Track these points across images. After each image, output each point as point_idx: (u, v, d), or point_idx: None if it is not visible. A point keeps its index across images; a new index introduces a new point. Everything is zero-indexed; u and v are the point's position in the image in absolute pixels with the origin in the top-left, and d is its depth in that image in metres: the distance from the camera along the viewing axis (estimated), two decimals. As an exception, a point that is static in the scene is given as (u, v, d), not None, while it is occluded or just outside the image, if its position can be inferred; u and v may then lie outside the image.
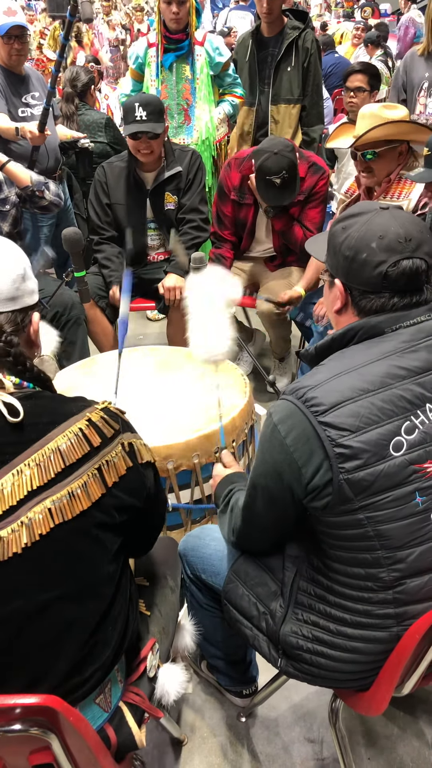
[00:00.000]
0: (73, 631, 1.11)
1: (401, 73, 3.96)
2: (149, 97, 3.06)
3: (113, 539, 1.14)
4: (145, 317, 4.48)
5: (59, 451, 1.06)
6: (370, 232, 1.29)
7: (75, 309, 3.04)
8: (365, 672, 1.35)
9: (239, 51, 3.97)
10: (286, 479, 1.24)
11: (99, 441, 1.10)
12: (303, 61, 3.77)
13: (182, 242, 3.17)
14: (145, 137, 2.98)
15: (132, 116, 2.95)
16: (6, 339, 1.13)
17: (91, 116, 4.37)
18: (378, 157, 2.56)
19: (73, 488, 1.05)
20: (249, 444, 2.33)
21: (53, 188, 2.91)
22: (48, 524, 1.03)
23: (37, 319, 1.23)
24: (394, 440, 1.19)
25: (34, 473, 1.04)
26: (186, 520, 2.15)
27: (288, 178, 2.87)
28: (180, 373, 2.43)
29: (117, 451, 1.12)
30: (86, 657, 1.14)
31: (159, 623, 1.45)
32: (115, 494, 1.11)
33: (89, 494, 1.07)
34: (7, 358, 1.12)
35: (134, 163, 3.15)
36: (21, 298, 1.17)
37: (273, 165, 2.86)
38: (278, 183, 2.87)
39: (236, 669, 1.82)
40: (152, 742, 1.78)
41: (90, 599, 1.12)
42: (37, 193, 2.84)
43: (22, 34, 3.38)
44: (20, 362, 1.14)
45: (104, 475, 1.09)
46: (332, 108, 5.95)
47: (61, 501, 1.04)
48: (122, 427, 1.16)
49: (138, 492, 1.18)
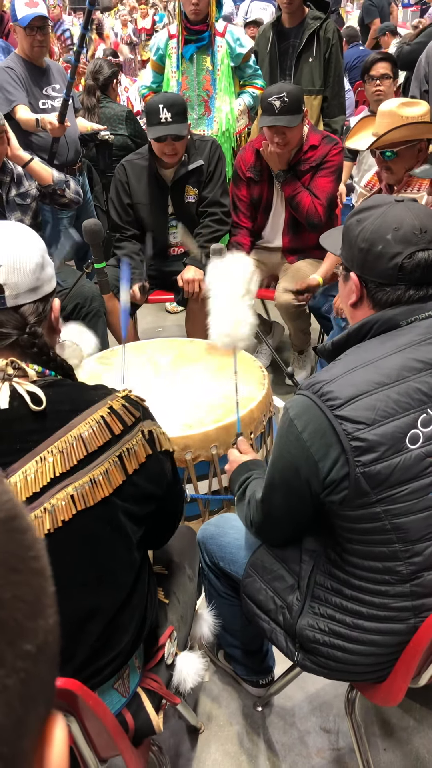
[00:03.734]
0: (93, 618, 1.12)
1: (423, 64, 3.91)
2: (173, 98, 3.01)
3: (135, 528, 1.15)
4: (164, 309, 4.48)
5: (81, 438, 1.06)
6: (385, 224, 1.29)
7: (95, 301, 3.06)
8: (382, 664, 1.36)
9: (260, 42, 3.95)
10: (304, 474, 1.24)
11: (120, 429, 1.10)
12: (324, 51, 3.74)
13: (203, 235, 3.17)
14: (170, 139, 2.95)
15: (156, 118, 2.90)
16: (31, 330, 1.13)
17: (112, 109, 4.38)
18: (397, 156, 2.55)
19: (94, 475, 1.06)
20: (267, 436, 2.34)
21: (73, 186, 2.93)
22: (70, 511, 1.04)
23: (58, 305, 1.23)
24: (411, 433, 1.19)
25: (57, 460, 1.05)
26: (204, 510, 2.17)
27: (288, 103, 2.87)
28: (198, 365, 2.44)
29: (137, 439, 1.13)
30: (105, 644, 1.15)
31: (177, 611, 1.46)
32: (135, 482, 1.12)
33: (110, 481, 1.08)
34: (33, 349, 1.13)
35: (155, 160, 3.14)
36: (41, 288, 1.17)
37: (275, 87, 2.95)
38: (278, 106, 2.87)
39: (253, 659, 1.83)
40: (169, 730, 1.80)
41: (110, 587, 1.14)
42: (58, 191, 2.86)
43: (44, 26, 3.39)
44: (45, 353, 1.14)
45: (125, 463, 1.10)
46: (354, 99, 5.90)
47: (83, 488, 1.05)
48: (143, 414, 1.16)
49: (158, 479, 1.18)
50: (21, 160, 2.74)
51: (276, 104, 2.87)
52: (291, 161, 3.09)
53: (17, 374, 1.10)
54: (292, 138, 2.99)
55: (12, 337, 1.11)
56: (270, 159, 3.09)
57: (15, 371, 1.09)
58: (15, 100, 3.35)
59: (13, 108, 3.33)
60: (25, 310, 1.14)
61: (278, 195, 3.23)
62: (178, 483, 1.33)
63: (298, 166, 3.10)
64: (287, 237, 3.29)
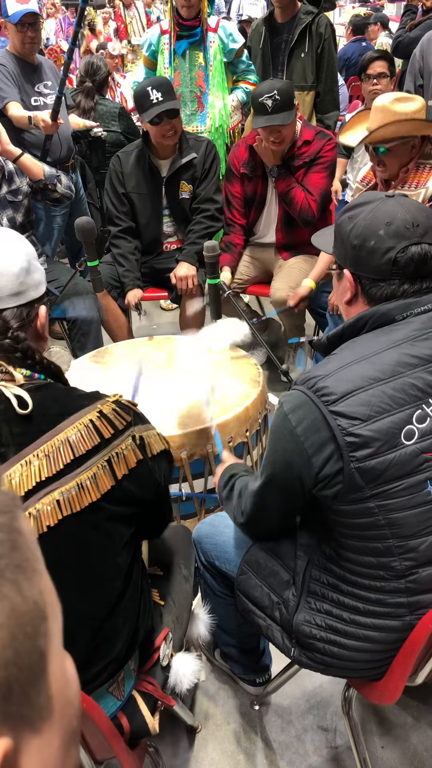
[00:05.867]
0: (81, 623, 1.11)
1: (417, 58, 3.90)
2: (159, 79, 3.03)
3: (123, 531, 1.13)
4: (158, 307, 4.48)
5: (69, 442, 1.05)
6: (377, 220, 1.28)
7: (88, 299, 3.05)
8: (378, 661, 1.35)
9: (253, 38, 3.93)
10: (296, 468, 1.24)
11: (110, 433, 1.09)
12: (317, 46, 3.72)
13: (196, 231, 3.16)
14: (166, 118, 2.93)
15: (148, 101, 2.90)
16: (12, 335, 1.12)
17: (105, 106, 4.36)
18: (390, 152, 2.54)
19: (82, 480, 1.05)
20: (263, 434, 2.33)
21: (65, 181, 2.91)
22: (56, 516, 1.03)
23: (44, 312, 1.21)
24: (406, 429, 1.19)
25: (42, 464, 1.03)
26: (199, 509, 2.16)
27: (279, 101, 2.85)
28: (193, 363, 2.43)
29: (127, 444, 1.11)
30: (96, 650, 1.14)
31: (172, 613, 1.45)
32: (124, 487, 1.10)
33: (98, 486, 1.06)
34: (16, 354, 1.12)
35: (149, 150, 3.13)
36: (26, 292, 1.15)
37: (265, 86, 2.91)
38: (270, 105, 2.86)
39: (250, 657, 1.82)
40: (166, 730, 1.79)
41: (98, 591, 1.12)
42: (49, 186, 2.84)
43: (35, 22, 3.37)
44: (29, 356, 1.13)
45: (114, 467, 1.09)
46: (347, 94, 5.88)
47: (70, 493, 1.04)
48: (134, 419, 1.15)
49: (148, 485, 1.17)
50: (11, 155, 2.72)
51: (268, 104, 2.85)
52: (285, 156, 3.08)
53: (4, 378, 1.08)
54: (288, 134, 2.97)
55: None
56: (264, 154, 3.07)
57: (2, 375, 1.08)
58: (7, 96, 3.33)
59: (4, 105, 3.32)
60: (6, 314, 1.13)
61: (272, 191, 3.22)
62: (168, 484, 1.31)
63: (292, 162, 3.09)
64: (280, 233, 3.27)
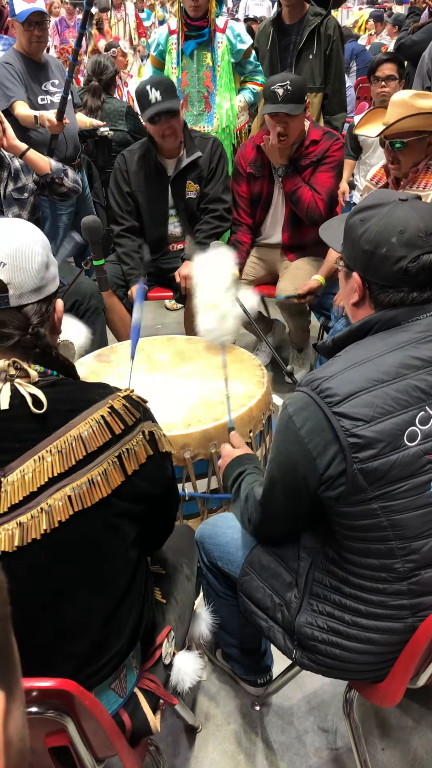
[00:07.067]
0: (88, 618, 1.11)
1: (426, 60, 3.90)
2: (159, 77, 3.05)
3: (131, 528, 1.14)
4: (163, 306, 4.48)
5: (81, 438, 1.05)
6: (390, 226, 1.27)
7: (94, 298, 3.05)
8: (380, 663, 1.35)
9: (260, 39, 3.94)
10: (301, 470, 1.24)
11: (121, 428, 1.09)
12: (325, 48, 3.72)
13: (203, 231, 3.16)
14: (164, 118, 2.94)
15: (146, 100, 2.92)
16: (33, 330, 1.11)
17: (112, 104, 4.36)
18: (406, 147, 2.53)
19: (93, 475, 1.05)
20: (266, 434, 2.33)
21: (72, 175, 2.91)
22: (67, 511, 1.03)
23: (61, 306, 1.21)
24: (409, 430, 1.19)
25: (55, 460, 1.04)
26: (202, 509, 2.16)
27: (291, 92, 2.88)
28: (197, 363, 2.43)
29: (138, 440, 1.12)
30: (101, 644, 1.14)
31: (175, 611, 1.46)
32: (134, 482, 1.11)
33: (109, 482, 1.07)
34: (35, 350, 1.11)
35: (154, 149, 3.13)
36: (46, 287, 1.15)
37: (279, 76, 2.96)
38: (281, 94, 2.88)
39: (251, 658, 1.83)
40: (167, 729, 1.79)
41: (105, 587, 1.13)
42: (56, 180, 2.84)
43: (42, 21, 3.38)
44: (47, 353, 1.13)
45: (124, 463, 1.09)
46: (354, 96, 5.88)
47: (81, 488, 1.04)
48: (143, 415, 1.15)
49: (157, 480, 1.17)
50: (18, 150, 2.72)
51: (279, 92, 2.87)
52: (292, 156, 3.08)
53: (19, 375, 1.09)
54: (294, 128, 2.97)
55: (14, 337, 1.10)
56: (271, 153, 3.07)
57: (17, 372, 1.08)
58: (13, 96, 3.34)
59: (11, 104, 3.32)
60: (28, 310, 1.12)
61: (278, 190, 3.22)
62: (175, 487, 1.32)
63: (299, 161, 3.09)
64: (287, 233, 3.27)
